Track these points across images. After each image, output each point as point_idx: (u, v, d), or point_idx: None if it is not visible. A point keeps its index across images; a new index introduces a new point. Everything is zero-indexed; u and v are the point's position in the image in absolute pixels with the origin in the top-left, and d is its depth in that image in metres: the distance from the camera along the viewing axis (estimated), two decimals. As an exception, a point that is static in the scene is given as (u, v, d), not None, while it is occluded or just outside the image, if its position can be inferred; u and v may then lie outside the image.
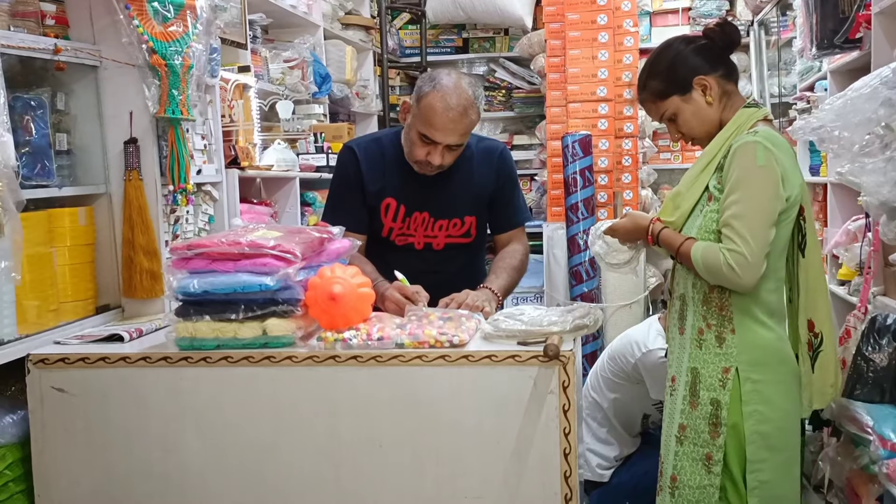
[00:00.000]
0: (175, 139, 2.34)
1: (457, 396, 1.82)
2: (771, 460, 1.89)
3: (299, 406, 1.87)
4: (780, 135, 1.95)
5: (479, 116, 2.23)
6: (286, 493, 1.88)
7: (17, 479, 1.94)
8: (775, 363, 1.91)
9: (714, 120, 1.97)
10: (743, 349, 1.89)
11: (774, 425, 1.89)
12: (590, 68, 4.19)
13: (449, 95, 2.14)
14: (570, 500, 1.80)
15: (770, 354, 1.91)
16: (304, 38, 3.86)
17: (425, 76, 2.24)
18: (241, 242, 1.87)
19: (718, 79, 1.96)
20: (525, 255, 2.42)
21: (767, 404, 1.89)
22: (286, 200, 3.45)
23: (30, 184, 2.03)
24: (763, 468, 1.88)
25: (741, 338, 1.89)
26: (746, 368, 1.88)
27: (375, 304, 2.17)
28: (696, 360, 1.94)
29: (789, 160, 1.89)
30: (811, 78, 3.79)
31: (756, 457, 1.88)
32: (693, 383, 1.93)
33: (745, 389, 1.88)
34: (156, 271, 2.31)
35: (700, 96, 1.96)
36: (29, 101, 2.07)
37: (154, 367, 1.90)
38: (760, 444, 1.88)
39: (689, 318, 1.97)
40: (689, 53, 1.98)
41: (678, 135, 2.02)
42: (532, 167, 5.32)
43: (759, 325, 1.90)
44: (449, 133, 2.17)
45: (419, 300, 2.09)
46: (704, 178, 1.93)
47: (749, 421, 1.87)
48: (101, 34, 2.29)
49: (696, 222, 1.92)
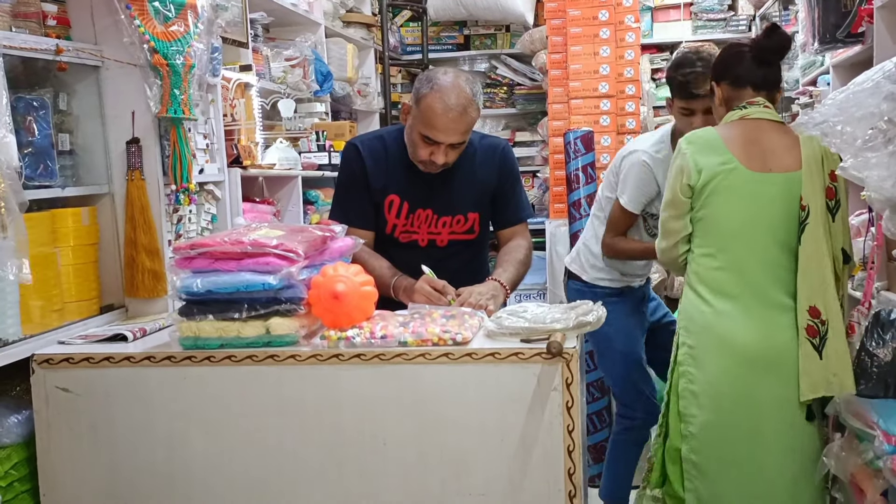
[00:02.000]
0: (177, 139, 2.35)
1: (460, 394, 1.82)
2: (700, 417, 2.12)
3: (303, 404, 1.87)
4: (726, 132, 2.15)
5: (479, 113, 2.24)
6: (290, 491, 1.89)
7: (23, 478, 1.94)
8: (704, 335, 2.12)
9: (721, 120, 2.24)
10: (682, 316, 2.19)
11: (701, 387, 2.11)
12: (591, 64, 4.18)
13: (447, 95, 2.15)
14: (574, 497, 1.80)
15: (697, 324, 2.13)
16: (306, 37, 3.86)
17: (422, 77, 2.24)
18: (244, 241, 1.87)
19: (725, 86, 2.21)
20: (529, 251, 2.42)
21: (696, 367, 2.12)
22: (288, 199, 3.45)
23: (33, 184, 2.04)
24: (692, 422, 2.13)
25: (683, 306, 2.20)
26: (682, 333, 2.17)
27: (397, 298, 2.20)
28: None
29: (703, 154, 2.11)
30: (814, 72, 3.78)
31: (687, 411, 2.14)
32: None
33: (682, 351, 2.16)
34: (158, 271, 2.32)
35: (718, 98, 2.25)
36: (31, 102, 2.07)
37: (158, 366, 1.90)
38: (690, 400, 2.13)
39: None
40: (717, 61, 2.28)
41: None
42: (534, 164, 5.31)
43: (698, 298, 2.14)
44: (450, 132, 2.17)
45: (448, 293, 2.14)
46: None
47: (683, 379, 2.14)
48: (102, 34, 2.29)
49: None
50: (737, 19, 5.32)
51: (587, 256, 2.95)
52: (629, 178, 2.79)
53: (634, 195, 2.79)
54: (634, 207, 2.80)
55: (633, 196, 2.79)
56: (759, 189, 2.10)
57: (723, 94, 2.22)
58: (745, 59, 2.19)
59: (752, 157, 2.11)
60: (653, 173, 2.78)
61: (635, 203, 2.81)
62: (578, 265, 2.97)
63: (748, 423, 2.10)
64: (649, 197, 2.81)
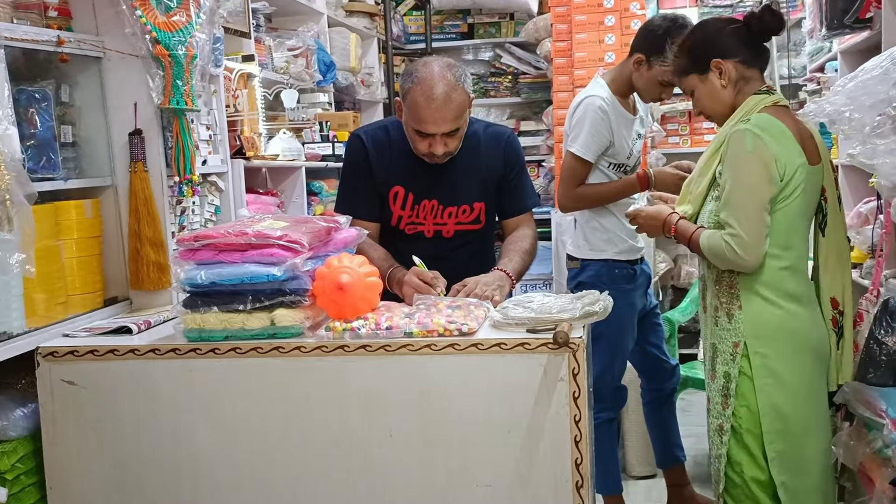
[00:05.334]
0: (180, 130, 2.33)
1: (466, 385, 1.82)
2: (786, 431, 1.96)
3: (308, 396, 1.87)
4: (783, 121, 1.98)
5: (468, 95, 2.19)
6: (296, 482, 1.88)
7: (29, 471, 1.94)
8: (781, 339, 1.98)
9: (727, 103, 2.06)
10: (749, 325, 1.99)
11: (785, 397, 1.97)
12: (597, 52, 4.15)
13: (428, 86, 2.12)
14: (581, 488, 1.80)
15: (775, 331, 1.98)
16: (308, 26, 3.83)
17: (405, 72, 2.21)
18: (248, 233, 1.86)
19: (737, 64, 2.03)
20: (535, 240, 2.41)
21: (776, 377, 1.97)
22: (292, 190, 3.44)
23: (36, 177, 2.02)
24: (777, 439, 1.96)
25: (747, 314, 1.99)
26: (754, 343, 1.98)
27: (391, 290, 2.18)
28: (714, 336, 2.07)
29: (783, 146, 1.94)
30: (821, 59, 3.74)
31: (771, 428, 1.96)
32: (713, 358, 2.06)
33: (756, 364, 1.97)
34: (163, 263, 2.31)
35: (716, 78, 2.04)
36: (33, 94, 2.06)
37: (163, 358, 1.90)
38: (774, 415, 1.96)
39: (708, 297, 2.11)
40: (717, 35, 2.06)
41: (697, 110, 2.14)
42: (539, 153, 5.28)
43: (765, 303, 1.98)
44: (439, 122, 2.15)
45: (437, 285, 2.10)
46: (711, 164, 2.03)
47: (761, 394, 1.97)
48: (104, 25, 2.28)
49: (707, 208, 2.03)
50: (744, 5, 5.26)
51: (585, 231, 2.86)
52: (584, 122, 2.69)
53: (587, 141, 2.69)
54: (588, 154, 2.70)
55: (586, 142, 2.68)
56: (812, 182, 2.02)
57: (732, 73, 2.03)
58: (752, 37, 2.05)
59: (808, 148, 2.01)
60: (609, 121, 2.71)
61: (588, 149, 2.69)
62: (582, 242, 2.87)
63: (823, 423, 2.07)
64: (602, 146, 2.72)
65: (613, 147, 2.77)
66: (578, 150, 2.72)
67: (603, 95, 2.75)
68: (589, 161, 2.73)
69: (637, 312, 2.92)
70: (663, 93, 2.75)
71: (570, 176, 2.77)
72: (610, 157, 2.79)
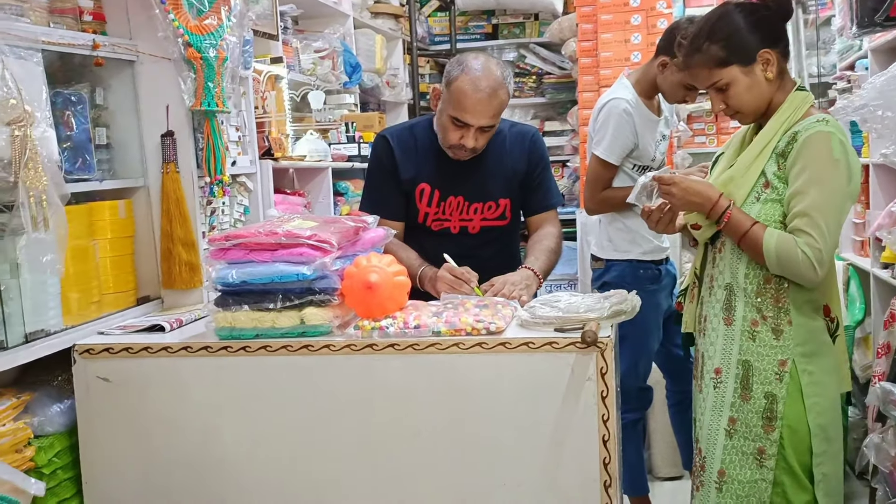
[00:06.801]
0: (211, 131, 2.36)
1: (494, 384, 1.83)
2: (829, 451, 1.89)
3: (337, 394, 1.89)
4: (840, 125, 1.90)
5: (510, 96, 2.24)
6: (324, 480, 1.90)
7: (66, 466, 1.98)
8: (824, 354, 1.90)
9: (767, 97, 1.90)
10: (800, 341, 1.86)
11: (829, 416, 1.89)
12: (622, 52, 4.14)
13: (478, 78, 2.16)
14: (609, 487, 1.80)
15: (820, 345, 1.89)
16: (334, 28, 3.86)
17: (453, 61, 2.25)
18: (278, 232, 1.88)
19: (779, 55, 1.88)
20: (560, 239, 2.42)
21: (823, 396, 1.88)
22: (319, 191, 3.47)
23: (71, 178, 2.06)
24: (825, 460, 1.88)
25: (797, 331, 1.86)
26: (802, 360, 1.86)
27: (423, 288, 2.20)
28: (748, 353, 1.90)
29: (853, 151, 1.85)
30: (851, 57, 3.70)
31: (820, 449, 1.86)
32: (745, 376, 1.89)
33: (805, 382, 1.86)
34: (194, 262, 2.34)
35: (761, 71, 1.87)
36: (69, 97, 2.10)
37: (195, 356, 1.93)
38: (822, 436, 1.87)
39: (738, 308, 1.91)
40: (754, 23, 1.87)
41: (723, 106, 1.92)
42: (564, 153, 5.27)
43: (810, 317, 1.89)
44: (480, 115, 2.18)
45: (470, 280, 2.12)
46: (760, 162, 1.88)
47: (811, 413, 1.85)
48: (137, 29, 2.31)
49: (753, 210, 1.87)
50: (771, 4, 5.22)
51: (610, 231, 2.85)
52: (608, 125, 2.69)
53: (612, 144, 2.68)
54: (613, 157, 2.69)
55: (610, 145, 2.67)
56: None
57: (778, 66, 1.88)
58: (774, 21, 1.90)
59: None
60: (633, 123, 2.70)
61: (612, 153, 2.68)
62: (606, 242, 2.87)
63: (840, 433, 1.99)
64: (627, 148, 2.70)
65: (638, 149, 2.76)
66: (603, 154, 2.72)
67: (627, 97, 2.74)
68: (613, 164, 2.73)
69: (662, 313, 2.91)
70: (687, 96, 2.74)
71: (595, 179, 2.77)
72: (634, 159, 2.79)
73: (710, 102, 1.96)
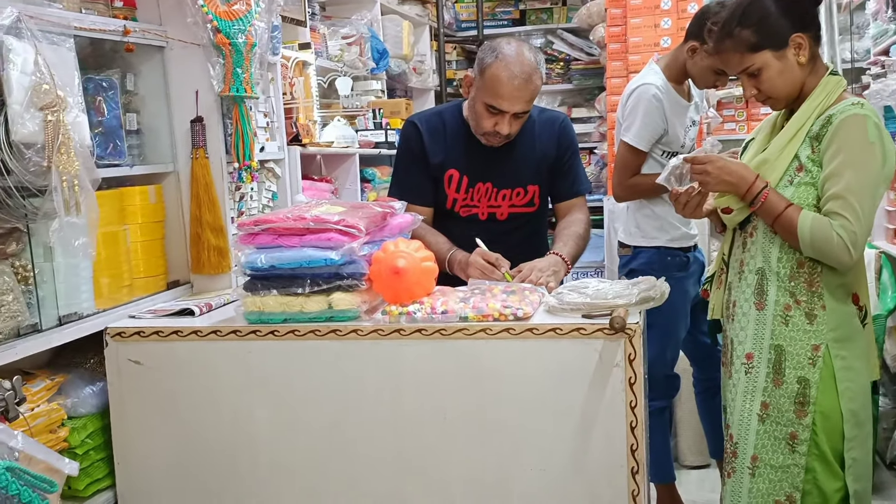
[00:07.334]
0: (239, 117, 2.38)
1: (521, 369, 1.82)
2: (859, 436, 1.87)
3: (365, 378, 1.90)
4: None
5: (543, 81, 2.24)
6: (352, 463, 1.92)
7: (98, 447, 2.02)
8: (856, 339, 1.88)
9: (799, 82, 1.88)
10: (833, 326, 1.85)
11: (860, 401, 1.87)
12: (652, 37, 4.09)
13: (512, 64, 2.15)
14: (636, 474, 1.79)
15: (853, 331, 1.88)
16: (362, 14, 3.87)
17: (486, 47, 2.24)
18: (306, 218, 1.89)
19: (811, 39, 1.87)
20: (588, 225, 2.40)
21: (855, 381, 1.86)
22: (346, 177, 3.48)
23: (103, 163, 2.09)
24: (855, 445, 1.87)
25: (832, 315, 1.85)
26: (835, 346, 1.85)
27: (452, 272, 2.20)
28: (780, 338, 1.88)
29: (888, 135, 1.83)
30: (886, 41, 3.62)
31: (851, 434, 1.86)
32: (777, 361, 1.88)
33: (838, 367, 1.85)
34: (222, 247, 2.36)
35: (793, 55, 1.85)
36: (100, 83, 2.12)
37: (224, 340, 1.95)
38: (853, 421, 1.86)
39: (770, 293, 1.89)
40: (786, 7, 1.85)
41: (755, 92, 1.90)
42: (591, 140, 5.24)
43: (843, 302, 1.87)
44: (515, 101, 2.17)
45: (502, 265, 2.12)
46: (794, 146, 1.87)
47: (844, 398, 1.84)
48: (167, 15, 2.33)
49: (786, 193, 1.85)
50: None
51: (637, 218, 2.82)
52: (638, 111, 2.66)
53: (641, 130, 2.65)
54: (642, 144, 2.66)
55: (639, 131, 2.65)
56: None
57: (810, 50, 1.86)
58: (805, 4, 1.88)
59: None
60: (663, 109, 2.67)
61: (641, 139, 2.66)
62: (634, 229, 2.84)
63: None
64: (656, 134, 2.68)
65: (667, 135, 2.74)
66: (632, 140, 2.69)
67: (657, 83, 2.71)
68: (642, 151, 2.70)
69: (690, 301, 2.88)
70: (718, 81, 2.70)
71: (623, 166, 2.75)
72: (664, 145, 2.76)
73: (742, 88, 1.95)
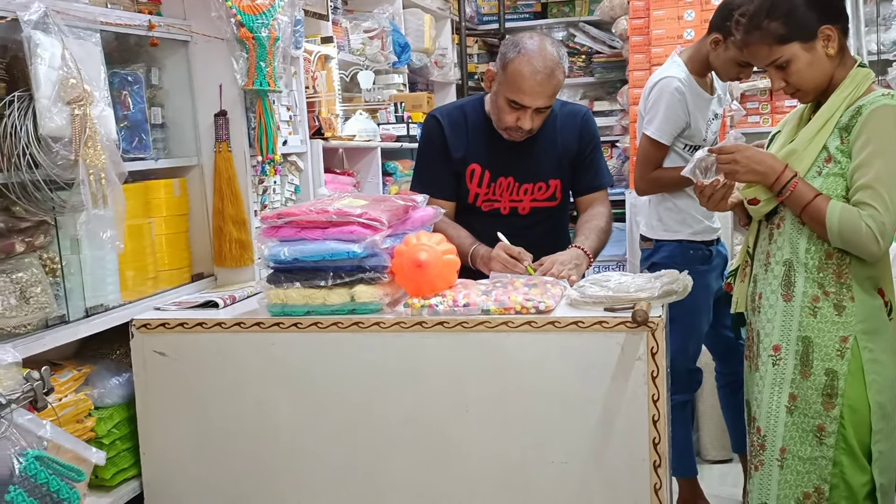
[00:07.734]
0: (262, 111, 2.39)
1: (543, 362, 1.82)
2: (886, 429, 1.87)
3: (387, 371, 1.91)
4: None
5: (565, 76, 2.23)
6: (374, 455, 1.93)
7: (124, 437, 2.04)
8: (883, 332, 1.88)
9: (828, 74, 1.88)
10: (861, 318, 1.85)
11: (887, 394, 1.87)
12: (675, 29, 4.06)
13: (535, 58, 2.14)
14: (658, 467, 1.79)
15: (881, 323, 1.87)
16: (383, 8, 3.87)
17: (508, 42, 2.23)
18: (329, 211, 1.90)
19: (839, 31, 1.86)
20: (610, 218, 2.40)
21: (882, 374, 1.86)
22: (368, 171, 3.49)
23: (128, 157, 2.11)
24: (881, 438, 1.87)
25: (860, 307, 1.85)
26: (863, 337, 1.85)
27: (474, 266, 2.21)
28: (809, 329, 1.88)
29: None
30: (914, 32, 3.57)
31: (878, 427, 1.86)
32: (805, 353, 1.88)
33: (866, 359, 1.85)
34: (245, 240, 2.38)
35: (822, 47, 1.86)
36: (126, 77, 2.14)
37: (248, 332, 1.96)
38: (880, 413, 1.86)
39: (798, 284, 1.89)
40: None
41: (783, 84, 1.90)
42: (613, 133, 5.21)
43: (871, 294, 1.87)
44: (538, 96, 2.16)
45: (524, 259, 2.12)
46: (822, 137, 1.86)
47: (871, 391, 1.84)
48: (191, 10, 2.35)
49: (815, 184, 1.85)
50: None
51: (659, 211, 2.81)
52: (660, 104, 2.65)
53: (663, 124, 2.64)
54: (664, 137, 2.65)
55: (661, 125, 2.64)
56: None
57: (838, 42, 1.86)
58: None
59: None
60: (686, 102, 2.65)
61: (663, 132, 2.65)
62: (656, 222, 2.83)
63: None
64: (679, 128, 2.66)
65: (690, 129, 2.72)
66: (654, 133, 2.68)
67: (680, 76, 2.69)
68: (665, 144, 2.69)
69: (712, 294, 2.86)
70: (741, 73, 2.68)
71: (645, 159, 2.73)
72: (686, 138, 2.74)
73: (770, 80, 1.94)
